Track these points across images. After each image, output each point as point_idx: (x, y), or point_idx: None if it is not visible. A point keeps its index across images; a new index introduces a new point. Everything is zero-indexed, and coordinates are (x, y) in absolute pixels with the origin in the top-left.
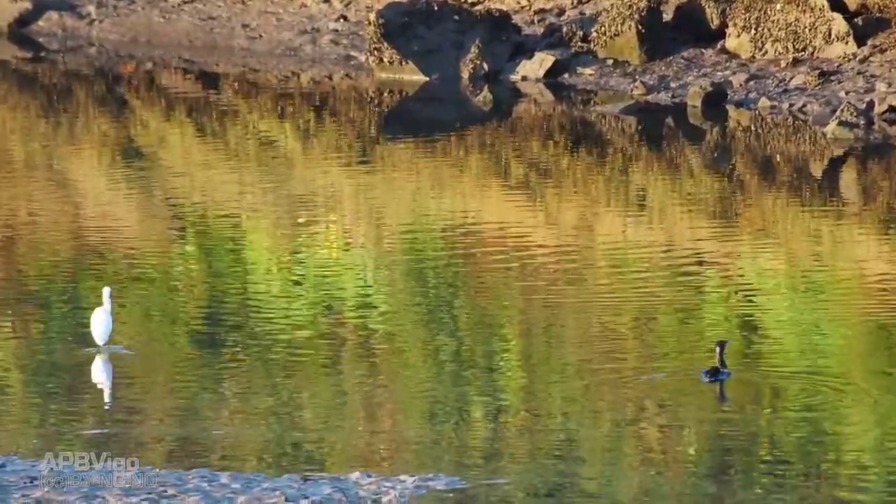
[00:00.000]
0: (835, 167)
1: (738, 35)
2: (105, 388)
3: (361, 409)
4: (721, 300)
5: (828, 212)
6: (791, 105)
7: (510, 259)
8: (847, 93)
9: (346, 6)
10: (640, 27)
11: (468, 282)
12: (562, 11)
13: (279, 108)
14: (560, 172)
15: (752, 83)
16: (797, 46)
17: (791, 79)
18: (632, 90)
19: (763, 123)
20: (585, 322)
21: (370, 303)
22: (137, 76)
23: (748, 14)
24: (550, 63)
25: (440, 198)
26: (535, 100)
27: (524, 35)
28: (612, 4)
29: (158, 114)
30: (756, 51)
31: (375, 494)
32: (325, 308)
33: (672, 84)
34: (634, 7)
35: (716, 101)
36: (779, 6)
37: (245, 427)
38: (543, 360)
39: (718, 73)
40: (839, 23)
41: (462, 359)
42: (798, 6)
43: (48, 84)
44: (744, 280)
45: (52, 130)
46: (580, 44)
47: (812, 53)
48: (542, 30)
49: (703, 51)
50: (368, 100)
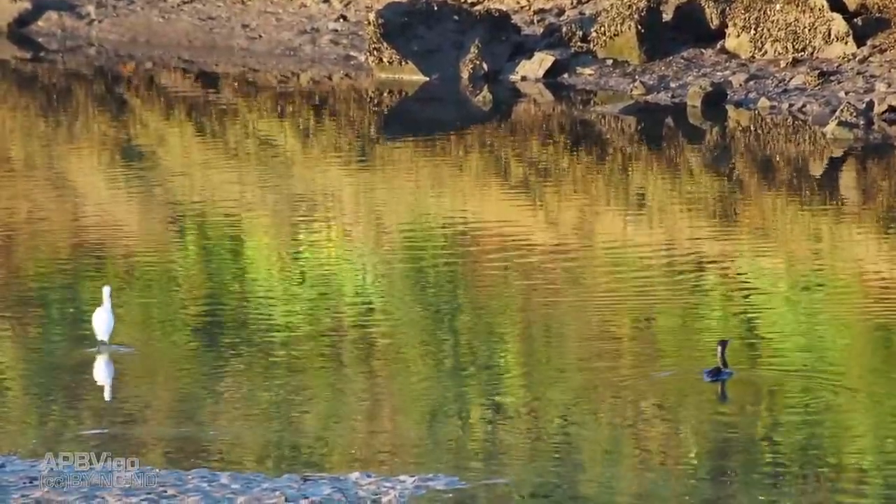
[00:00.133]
0: (834, 167)
1: (738, 35)
2: (105, 388)
3: (361, 409)
4: (721, 300)
5: (827, 212)
6: (791, 105)
7: (510, 259)
8: (847, 93)
9: (346, 6)
10: (640, 27)
11: (468, 282)
12: (561, 11)
13: (279, 108)
14: (560, 172)
15: (752, 83)
16: (797, 46)
17: (791, 79)
18: (631, 90)
19: (763, 123)
20: (585, 322)
21: (370, 303)
22: (137, 76)
23: (748, 14)
24: (550, 63)
25: (440, 198)
26: (535, 100)
27: (524, 35)
28: (612, 4)
29: (158, 114)
30: (756, 51)
31: (375, 494)
32: (325, 308)
33: (672, 84)
34: (634, 7)
35: (715, 102)
36: (778, 6)
37: (245, 427)
38: (543, 360)
39: (718, 74)
40: (839, 23)
41: (462, 359)
42: (798, 6)
43: (48, 84)
44: (744, 280)
45: (52, 130)
46: (580, 44)
47: (812, 53)
48: (542, 30)
49: (703, 51)
50: (368, 100)
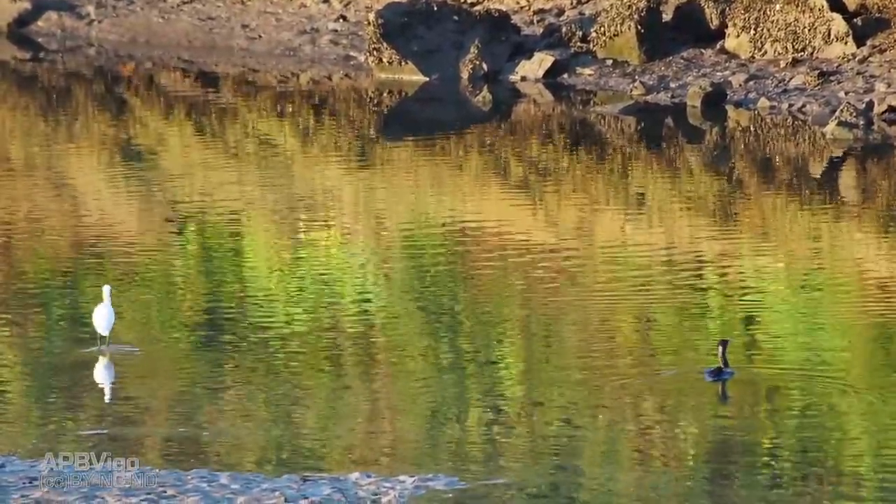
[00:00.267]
0: (834, 167)
1: (738, 35)
2: (105, 388)
3: (361, 409)
4: (721, 300)
5: (827, 212)
6: (790, 105)
7: (510, 259)
8: (846, 93)
9: (346, 6)
10: (640, 27)
11: (468, 282)
12: (561, 11)
13: (278, 109)
14: (559, 172)
15: (752, 83)
16: (796, 47)
17: (790, 79)
18: (631, 90)
19: (762, 124)
20: (585, 322)
21: (370, 302)
22: (137, 76)
23: (748, 14)
24: (550, 63)
25: (440, 198)
26: (535, 100)
27: (523, 35)
28: (612, 4)
29: (157, 114)
30: (755, 51)
31: (375, 495)
32: (325, 308)
33: (671, 84)
34: (634, 7)
35: (715, 102)
36: (778, 6)
37: (245, 427)
38: (543, 360)
39: (718, 74)
40: (838, 23)
41: (462, 359)
42: (797, 6)
43: (47, 84)
44: (744, 280)
45: (52, 130)
46: (579, 44)
47: (811, 54)
48: (542, 30)
49: (703, 51)
50: (368, 100)
